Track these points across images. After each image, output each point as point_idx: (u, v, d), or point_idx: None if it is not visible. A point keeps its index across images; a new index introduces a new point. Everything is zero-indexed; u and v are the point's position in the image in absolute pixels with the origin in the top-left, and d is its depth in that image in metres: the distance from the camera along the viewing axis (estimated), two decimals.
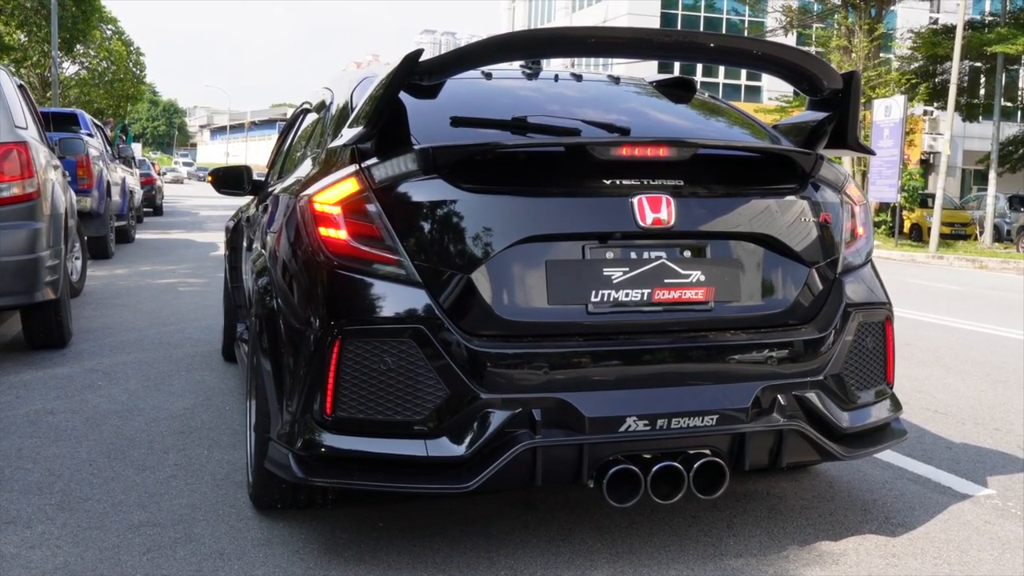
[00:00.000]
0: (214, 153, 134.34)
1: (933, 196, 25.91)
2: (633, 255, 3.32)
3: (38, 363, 6.62)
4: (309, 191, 3.47)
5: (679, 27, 41.73)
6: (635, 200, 3.31)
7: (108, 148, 16.59)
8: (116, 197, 15.56)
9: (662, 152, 3.39)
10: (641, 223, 3.29)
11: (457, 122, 3.64)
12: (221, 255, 14.57)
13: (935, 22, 36.21)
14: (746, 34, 42.25)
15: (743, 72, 43.76)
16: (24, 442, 4.72)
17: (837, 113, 3.84)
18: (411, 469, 3.18)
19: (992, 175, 26.03)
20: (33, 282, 6.40)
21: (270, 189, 4.89)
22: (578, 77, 4.43)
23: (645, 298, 3.30)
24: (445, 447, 3.14)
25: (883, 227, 27.00)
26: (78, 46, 40.05)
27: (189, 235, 20.80)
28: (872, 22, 27.67)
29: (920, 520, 3.94)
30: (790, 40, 36.15)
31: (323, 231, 3.30)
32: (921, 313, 11.08)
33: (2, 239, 6.26)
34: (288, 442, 3.26)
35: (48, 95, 29.79)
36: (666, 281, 3.32)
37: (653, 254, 3.33)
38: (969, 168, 45.23)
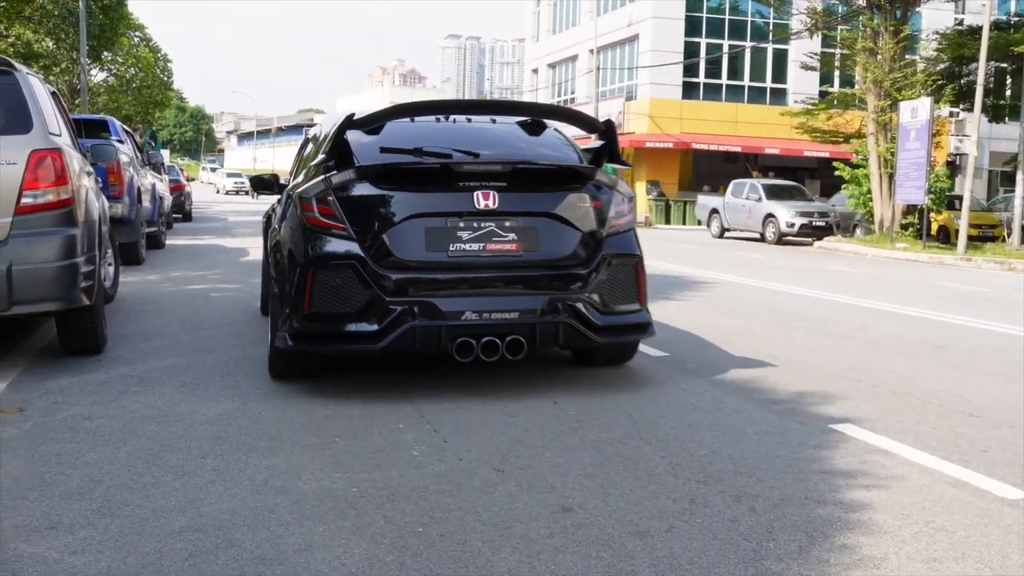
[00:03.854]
0: (241, 159, 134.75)
1: (960, 198, 25.71)
2: (474, 224, 5.92)
3: (74, 368, 6.67)
4: (299, 190, 6.27)
5: (703, 30, 41.81)
6: (475, 194, 5.90)
7: (138, 154, 16.70)
8: (146, 203, 15.67)
9: (491, 168, 6.12)
10: (478, 207, 5.89)
11: (384, 150, 6.37)
12: (251, 260, 14.70)
13: (960, 23, 35.94)
14: (770, 36, 42.07)
15: (768, 75, 43.58)
16: (63, 447, 4.76)
17: (607, 144, 6.85)
18: (348, 338, 5.85)
19: (1020, 176, 25.74)
20: (69, 288, 6.45)
21: (287, 190, 7.26)
22: (468, 120, 7.12)
23: (481, 248, 5.91)
24: (366, 326, 5.78)
25: (910, 229, 26.82)
26: (106, 53, 40.34)
27: (219, 241, 20.92)
28: (897, 24, 27.48)
29: (959, 524, 3.92)
30: (815, 42, 36.02)
31: (305, 212, 6.02)
32: (952, 316, 11.01)
33: (38, 245, 6.32)
34: (285, 327, 5.95)
35: (77, 102, 30.02)
36: (493, 239, 5.94)
37: (485, 224, 5.93)
38: (996, 169, 44.87)
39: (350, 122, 6.23)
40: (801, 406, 5.98)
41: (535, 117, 7.24)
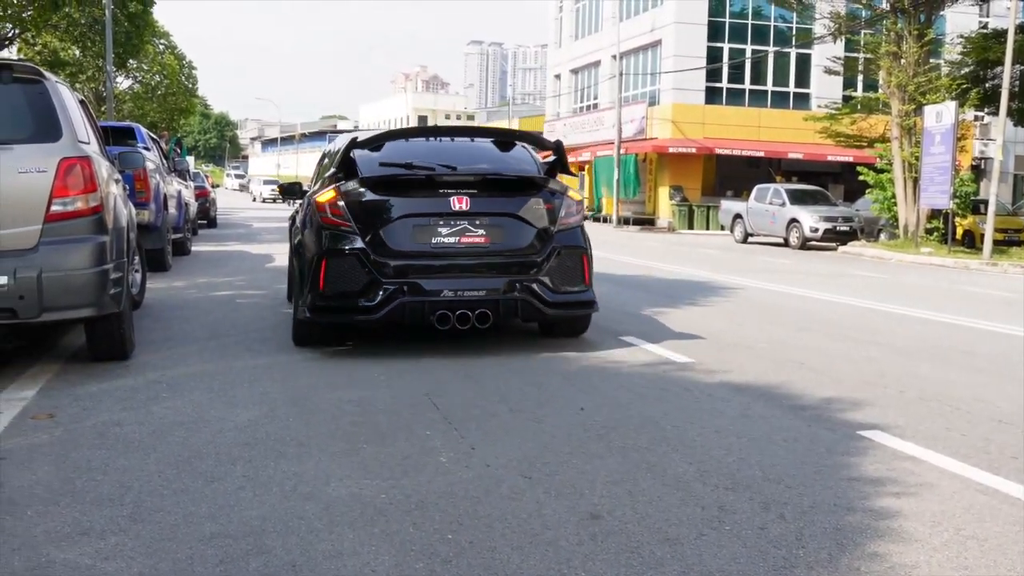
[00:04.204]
0: (265, 165, 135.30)
1: (985, 202, 25.53)
2: (451, 222, 7.50)
3: (102, 375, 6.71)
4: (316, 196, 7.87)
5: (726, 35, 41.71)
6: (451, 199, 7.52)
7: (164, 161, 16.79)
8: (172, 210, 15.75)
9: (464, 178, 7.70)
10: (454, 209, 7.49)
11: (382, 164, 7.84)
12: (276, 266, 14.78)
13: (985, 26, 35.66)
14: (794, 41, 41.91)
15: (791, 79, 43.43)
16: (93, 453, 4.79)
17: (557, 160, 8.42)
18: (353, 311, 7.40)
19: None
20: (98, 295, 6.50)
21: (307, 196, 9.01)
22: (451, 139, 8.75)
23: (456, 241, 7.50)
24: (366, 302, 7.33)
25: (935, 234, 26.65)
26: (131, 60, 40.61)
27: (244, 247, 21.02)
28: (922, 27, 27.33)
29: (991, 532, 3.90)
30: (838, 46, 35.87)
31: (320, 213, 7.62)
32: (979, 321, 10.94)
33: (67, 253, 6.37)
34: (305, 303, 7.55)
35: (103, 109, 30.25)
36: (466, 233, 7.52)
37: (459, 222, 7.51)
38: (1021, 173, 44.60)
39: (355, 143, 8.02)
40: (828, 412, 5.96)
41: (502, 139, 8.94)
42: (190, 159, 34.61)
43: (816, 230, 27.49)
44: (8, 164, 6.28)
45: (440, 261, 7.51)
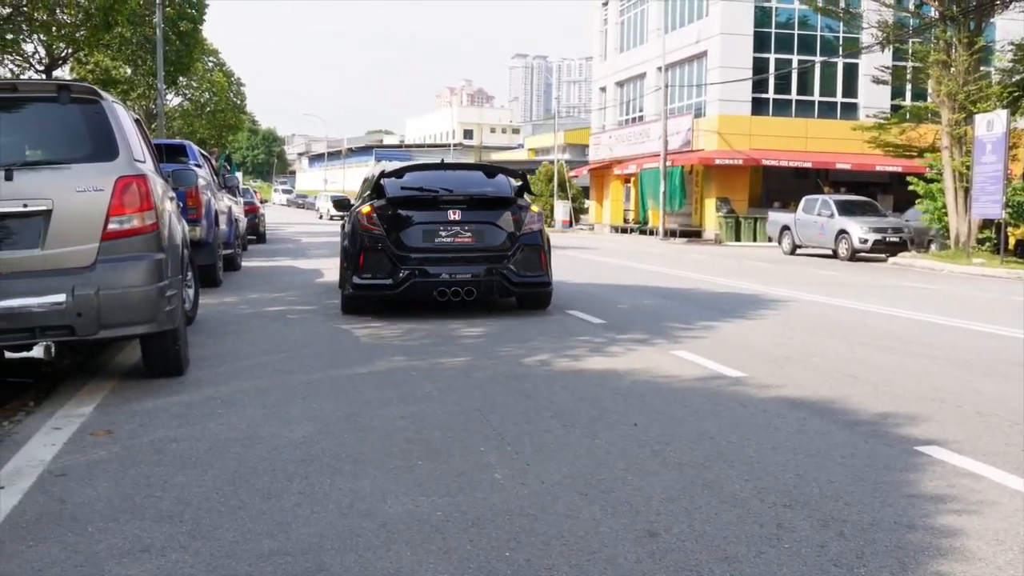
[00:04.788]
0: (312, 180, 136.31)
1: None
2: (448, 228, 10.83)
3: (157, 391, 6.79)
4: (357, 209, 11.36)
5: (772, 46, 41.48)
6: (448, 211, 10.83)
7: (214, 178, 16.97)
8: (223, 226, 15.91)
9: (457, 197, 10.98)
10: (450, 219, 10.81)
11: (403, 188, 11.24)
12: (325, 282, 14.90)
13: None
14: (840, 51, 41.57)
15: (838, 89, 43.11)
16: (151, 470, 4.84)
17: (523, 184, 11.88)
18: (380, 288, 10.73)
19: None
20: (154, 312, 6.58)
21: (352, 208, 12.17)
22: (453, 171, 12.59)
23: (452, 241, 10.81)
24: (389, 281, 10.67)
25: (987, 244, 26.29)
26: (181, 78, 41.13)
27: (294, 262, 21.18)
28: (971, 35, 27.02)
29: None
30: (886, 55, 35.59)
31: (359, 220, 10.95)
32: None
33: (124, 270, 6.45)
34: (349, 283, 10.95)
35: (153, 126, 30.67)
36: (458, 236, 10.83)
37: (454, 228, 10.83)
38: None
39: (383, 173, 11.78)
40: (885, 428, 5.89)
41: (487, 171, 12.47)
42: (239, 175, 34.94)
43: (865, 241, 27.22)
44: (66, 183, 6.38)
45: (440, 254, 10.91)
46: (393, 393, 6.73)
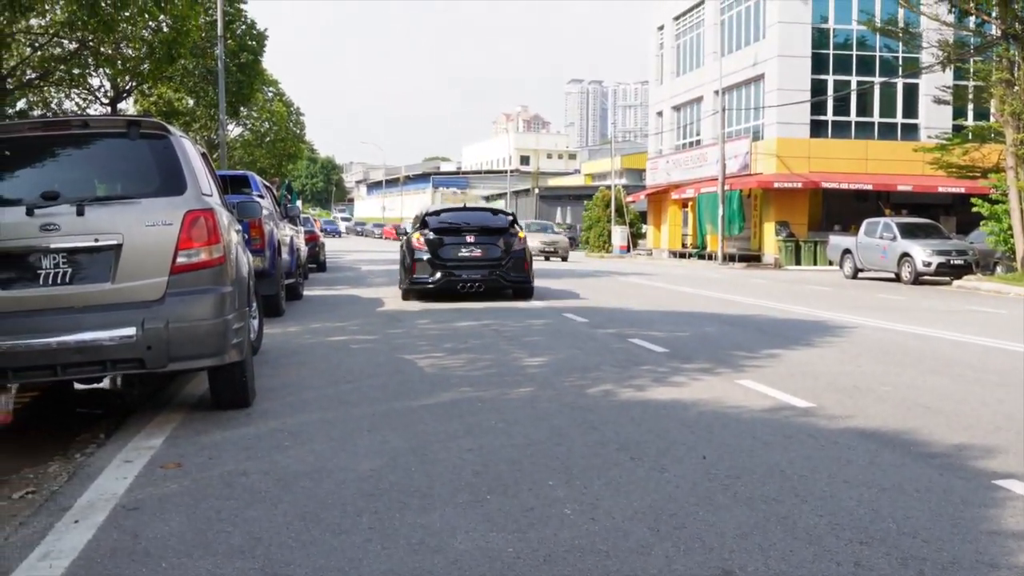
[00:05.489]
0: (370, 208, 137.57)
1: None
2: (467, 247, 17.82)
3: (225, 423, 6.83)
4: (410, 235, 18.46)
5: (830, 67, 41.20)
6: (466, 236, 17.93)
7: (276, 208, 17.15)
8: (285, 255, 16.06)
9: (472, 228, 18.16)
10: (467, 241, 17.87)
11: (439, 222, 18.45)
12: (387, 311, 14.99)
13: None
14: (900, 71, 41.20)
15: (899, 110, 42.67)
16: (222, 504, 4.86)
17: (514, 219, 19.50)
18: (423, 283, 17.66)
19: None
20: (222, 344, 6.65)
21: (409, 232, 18.96)
22: (471, 211, 20.22)
23: (469, 254, 17.80)
24: (429, 279, 17.60)
25: None
26: (242, 108, 41.71)
27: (354, 291, 21.33)
28: None
29: None
30: (947, 75, 35.19)
31: (411, 242, 18.03)
32: None
33: (192, 304, 6.53)
34: (406, 281, 18.15)
35: (215, 156, 31.09)
36: (473, 251, 17.81)
37: (470, 247, 17.84)
38: None
39: (427, 213, 18.67)
40: (961, 460, 5.77)
41: (492, 212, 19.64)
42: (298, 203, 35.36)
43: (929, 264, 26.83)
44: (136, 218, 6.48)
45: (461, 263, 17.62)
46: (459, 425, 6.72)
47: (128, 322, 6.31)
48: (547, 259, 42.17)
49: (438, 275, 17.24)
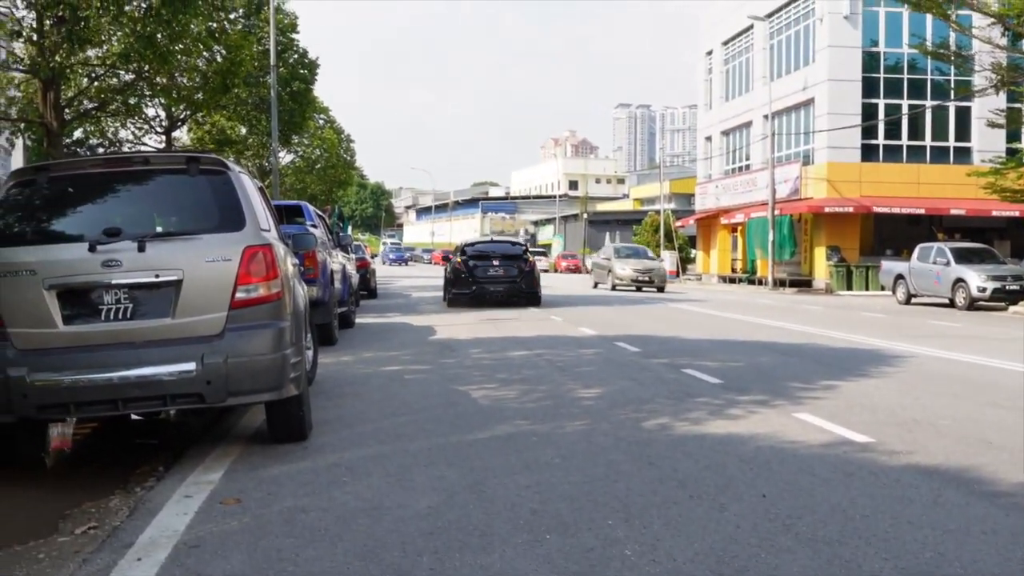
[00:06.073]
0: (420, 233, 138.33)
1: None
2: (493, 268, 25.48)
3: (283, 457, 6.87)
4: (453, 259, 27.18)
5: (880, 91, 40.93)
6: (492, 260, 25.67)
7: (329, 236, 17.27)
8: (337, 284, 16.14)
9: (497, 254, 26.03)
10: (493, 264, 25.57)
11: (474, 251, 26.43)
12: (439, 339, 15.00)
13: None
14: (952, 94, 40.86)
15: (951, 134, 42.30)
16: (282, 542, 4.88)
17: (526, 246, 28.49)
18: (463, 295, 25.36)
19: None
20: (280, 379, 6.70)
21: (452, 257, 27.69)
22: (497, 243, 28.27)
23: (496, 273, 25.42)
24: (467, 291, 25.34)
25: None
26: (294, 136, 42.14)
27: (405, 318, 21.42)
28: None
29: None
30: (1000, 98, 34.81)
31: (454, 263, 26.37)
32: None
33: (251, 338, 6.58)
34: (450, 292, 26.21)
35: (267, 183, 31.43)
36: (498, 271, 25.46)
37: (496, 267, 25.52)
38: None
39: (466, 244, 27.25)
40: None
41: (512, 242, 28.47)
42: (349, 230, 35.65)
43: (984, 290, 26.47)
44: (196, 253, 6.55)
45: (490, 279, 24.94)
46: (516, 460, 6.70)
47: (188, 357, 6.38)
48: (639, 289, 36.39)
49: (473, 288, 24.81)
